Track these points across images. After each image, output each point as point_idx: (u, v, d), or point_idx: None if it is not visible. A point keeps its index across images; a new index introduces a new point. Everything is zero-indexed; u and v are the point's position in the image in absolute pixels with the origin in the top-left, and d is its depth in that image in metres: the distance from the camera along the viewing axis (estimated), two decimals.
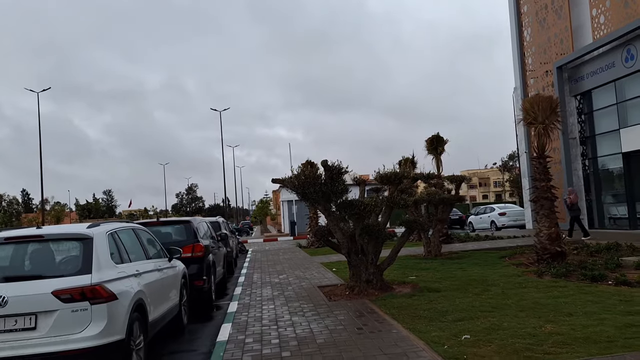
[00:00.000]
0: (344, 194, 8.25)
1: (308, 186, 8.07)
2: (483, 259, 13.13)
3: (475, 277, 9.78)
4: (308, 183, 8.08)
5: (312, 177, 8.02)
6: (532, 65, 23.01)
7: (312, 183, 8.02)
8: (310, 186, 8.03)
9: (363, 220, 8.56)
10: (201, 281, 9.06)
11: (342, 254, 8.85)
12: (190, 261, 9.05)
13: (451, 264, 12.49)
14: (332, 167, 8.02)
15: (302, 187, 8.19)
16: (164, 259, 7.01)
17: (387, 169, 8.76)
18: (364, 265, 8.78)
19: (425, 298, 7.88)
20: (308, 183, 8.08)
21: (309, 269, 13.51)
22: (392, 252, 9.06)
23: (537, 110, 11.31)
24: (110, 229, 5.50)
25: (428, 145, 18.55)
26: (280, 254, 19.45)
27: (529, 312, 6.51)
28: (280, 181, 9.37)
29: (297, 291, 9.60)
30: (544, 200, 11.23)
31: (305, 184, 8.09)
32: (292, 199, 39.12)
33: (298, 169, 8.16)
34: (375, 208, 8.22)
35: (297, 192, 8.38)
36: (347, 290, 8.95)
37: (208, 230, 11.11)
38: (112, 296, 4.72)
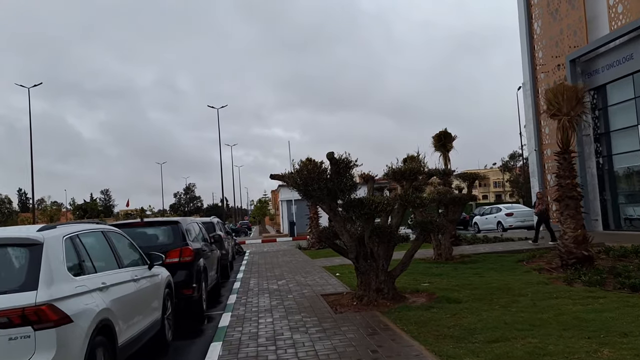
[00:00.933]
0: (352, 191, 7.24)
1: (312, 182, 7.05)
2: (499, 263, 12.13)
3: (497, 285, 8.76)
4: (312, 179, 7.06)
5: (316, 173, 7.00)
6: (543, 59, 22.01)
7: (317, 179, 7.00)
8: (314, 182, 7.01)
9: (373, 221, 7.54)
10: (190, 289, 8.03)
11: (349, 259, 7.83)
12: (177, 267, 8.03)
13: (465, 268, 11.48)
14: (339, 160, 7.00)
15: (304, 184, 7.17)
16: (143, 267, 5.98)
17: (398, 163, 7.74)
18: (374, 271, 7.76)
19: (446, 311, 6.86)
20: (312, 179, 7.06)
21: (310, 273, 12.49)
22: (405, 257, 8.04)
23: (561, 100, 10.30)
24: (69, 232, 4.47)
25: (435, 142, 17.56)
26: (279, 256, 18.43)
27: (575, 331, 5.49)
28: (280, 177, 8.35)
29: (298, 300, 8.57)
30: (569, 199, 10.22)
31: (308, 180, 7.07)
32: (291, 198, 38.11)
33: (299, 163, 7.14)
34: (388, 207, 7.20)
35: (299, 190, 7.36)
36: (354, 300, 7.93)
37: (200, 232, 10.08)
38: (65, 318, 3.69)
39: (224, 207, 75.21)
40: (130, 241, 6.05)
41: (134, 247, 6.08)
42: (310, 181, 7.09)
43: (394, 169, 7.63)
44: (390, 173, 7.72)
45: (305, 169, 7.08)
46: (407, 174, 7.50)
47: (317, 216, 22.48)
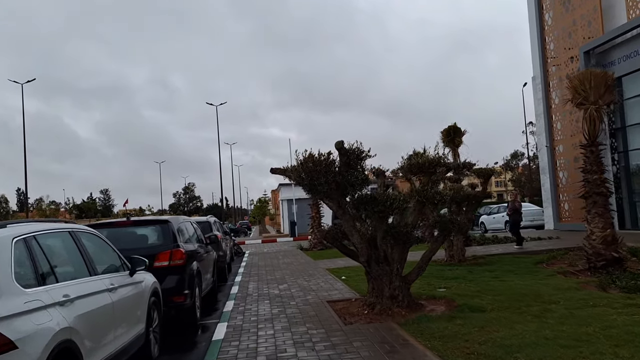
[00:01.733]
0: (364, 186, 6.38)
1: (318, 176, 6.20)
2: (516, 265, 11.28)
3: (522, 290, 7.91)
4: (318, 172, 6.21)
5: (323, 165, 6.15)
6: (555, 52, 21.15)
7: (324, 172, 6.15)
8: (321, 176, 6.16)
9: (387, 220, 6.69)
10: (181, 297, 7.18)
11: (359, 263, 6.97)
12: (167, 271, 7.18)
13: (481, 271, 10.63)
14: (349, 150, 6.15)
15: (309, 178, 6.31)
16: (123, 274, 5.13)
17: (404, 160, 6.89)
18: (388, 276, 6.91)
19: (472, 322, 6.00)
20: (318, 172, 6.21)
21: (313, 276, 11.64)
22: (422, 260, 7.18)
23: (588, 88, 9.44)
24: (22, 232, 3.61)
25: (444, 137, 16.65)
26: (280, 258, 17.57)
27: (631, 349, 4.63)
28: (282, 172, 7.50)
29: (302, 308, 7.71)
30: (597, 195, 9.37)
31: (314, 173, 6.22)
32: (292, 197, 37.26)
33: (304, 154, 6.28)
34: (404, 204, 6.35)
35: (303, 185, 6.51)
36: (365, 308, 7.08)
37: (194, 232, 9.22)
38: (5, 345, 2.84)
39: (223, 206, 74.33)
40: (107, 244, 5.19)
41: (111, 250, 5.23)
42: (316, 175, 6.23)
43: (411, 162, 6.78)
44: (406, 166, 6.87)
45: (311, 161, 6.23)
46: (427, 166, 6.64)
47: (319, 216, 21.63)
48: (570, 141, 20.14)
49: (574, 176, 20.20)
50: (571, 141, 20.09)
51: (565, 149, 20.61)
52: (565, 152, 20.61)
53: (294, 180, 6.54)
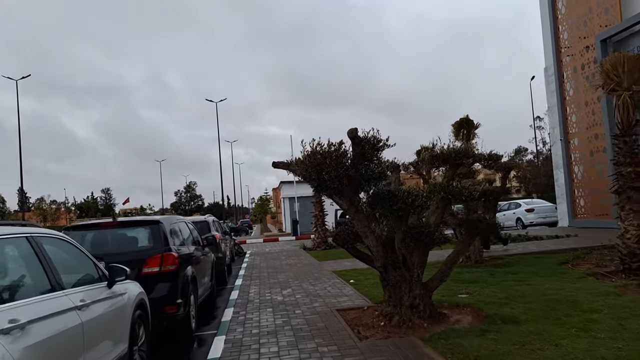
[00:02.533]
0: (381, 181, 5.55)
1: (327, 170, 5.36)
2: (539, 266, 10.45)
3: (555, 296, 7.08)
4: (327, 165, 5.37)
5: (333, 157, 5.31)
6: (569, 41, 20.25)
7: (334, 165, 5.31)
8: (331, 169, 5.32)
9: (406, 220, 5.86)
10: (173, 307, 6.37)
11: (375, 268, 6.14)
12: (158, 278, 6.38)
13: (502, 273, 9.80)
14: (363, 139, 5.31)
15: (317, 172, 5.48)
16: (99, 286, 4.32)
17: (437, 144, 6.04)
18: (407, 283, 6.08)
19: (507, 337, 5.17)
20: (327, 165, 5.37)
21: (319, 279, 10.81)
22: (446, 264, 6.35)
23: (621, 72, 8.58)
24: None
25: (455, 130, 15.75)
26: (283, 258, 16.76)
27: None
28: (285, 166, 6.67)
29: (308, 318, 6.89)
30: (631, 190, 8.51)
31: (323, 166, 5.38)
32: (294, 195, 36.47)
33: (311, 144, 5.44)
34: (428, 201, 5.52)
35: (310, 180, 5.67)
36: (381, 318, 6.25)
37: (189, 234, 8.41)
38: None
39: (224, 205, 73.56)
40: (79, 250, 4.37)
41: (85, 258, 4.41)
42: (325, 168, 5.40)
43: (434, 152, 5.94)
44: (428, 157, 6.04)
45: (319, 152, 5.39)
46: (453, 157, 5.81)
47: (322, 214, 20.79)
48: (586, 134, 19.27)
49: (591, 170, 19.37)
50: (587, 134, 19.23)
51: (581, 142, 19.74)
52: (581, 146, 19.74)
53: (300, 175, 5.72)
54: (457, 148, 5.91)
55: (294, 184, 36.20)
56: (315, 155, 5.42)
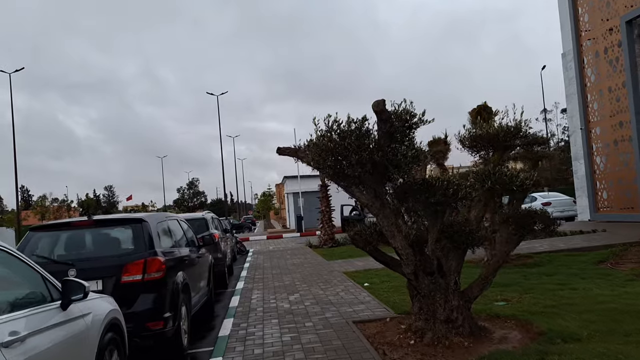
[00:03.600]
0: (413, 167, 4.45)
1: (347, 154, 4.26)
2: (575, 266, 9.37)
3: (611, 304, 5.97)
4: (346, 148, 4.27)
5: (354, 137, 4.21)
6: (589, 24, 19.02)
7: (355, 148, 4.20)
8: (352, 153, 4.22)
9: (443, 216, 4.76)
10: (159, 322, 5.30)
11: (404, 275, 5.04)
12: (141, 288, 5.32)
13: (536, 275, 8.71)
14: (393, 114, 4.20)
15: (334, 157, 4.37)
16: (49, 307, 3.23)
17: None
18: (443, 293, 4.99)
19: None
20: (346, 148, 4.27)
21: (329, 282, 9.73)
22: (488, 269, 5.26)
23: None
24: None
25: (473, 119, 14.64)
26: (288, 257, 15.68)
27: None
28: (292, 152, 5.58)
29: (322, 333, 5.80)
30: None
31: (340, 149, 4.28)
32: (298, 190, 35.39)
33: (326, 121, 4.32)
34: (474, 192, 4.41)
35: (324, 168, 4.57)
36: (410, 335, 5.17)
37: (182, 234, 7.32)
38: None
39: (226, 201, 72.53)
40: (22, 262, 3.28)
41: (30, 271, 3.32)
42: (344, 152, 4.29)
43: (476, 133, 4.84)
44: (468, 138, 4.94)
45: (337, 131, 4.29)
46: (501, 137, 4.71)
47: (329, 209, 19.70)
48: (610, 122, 18.07)
49: (615, 161, 18.18)
50: (611, 122, 18.03)
51: (604, 131, 18.54)
52: (604, 135, 18.54)
53: (311, 162, 4.61)
54: (508, 126, 4.81)
55: (298, 179, 35.10)
56: (332, 136, 4.31)
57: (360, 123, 4.22)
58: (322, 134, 4.37)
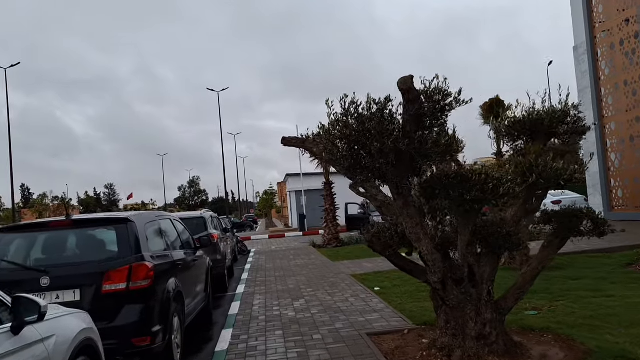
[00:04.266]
0: (445, 157, 3.76)
1: (366, 141, 3.56)
2: (600, 269, 8.72)
3: None
4: (365, 135, 3.57)
5: (375, 122, 3.51)
6: (604, 15, 18.29)
7: (377, 134, 3.51)
8: (373, 140, 3.52)
9: (476, 216, 4.06)
10: (147, 337, 4.62)
11: (430, 284, 4.34)
12: (124, 299, 4.63)
13: (560, 279, 8.04)
14: (423, 93, 3.50)
15: (351, 146, 3.68)
16: None
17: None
18: (474, 305, 4.30)
19: None
20: (365, 135, 3.57)
21: (336, 286, 9.04)
22: (525, 276, 4.56)
23: None
24: None
25: (485, 113, 13.95)
26: (291, 258, 14.99)
27: None
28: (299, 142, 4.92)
29: (332, 349, 5.11)
30: None
31: (359, 136, 3.59)
32: (300, 189, 34.68)
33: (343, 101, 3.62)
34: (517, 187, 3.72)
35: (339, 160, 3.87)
36: (435, 352, 4.48)
37: (177, 235, 6.63)
38: None
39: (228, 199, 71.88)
40: None
41: None
42: (363, 139, 3.60)
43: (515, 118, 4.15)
44: (504, 125, 4.24)
45: (354, 115, 3.59)
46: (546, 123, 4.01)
47: (333, 208, 19.00)
48: (626, 117, 17.36)
49: (631, 158, 17.46)
50: (626, 117, 17.32)
51: (619, 127, 17.82)
52: (619, 130, 17.83)
53: (324, 152, 3.92)
54: (554, 109, 4.11)
55: (300, 176, 34.42)
56: (348, 120, 3.61)
57: (383, 104, 3.51)
58: (336, 119, 3.66)
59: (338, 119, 3.66)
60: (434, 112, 3.54)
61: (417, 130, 3.59)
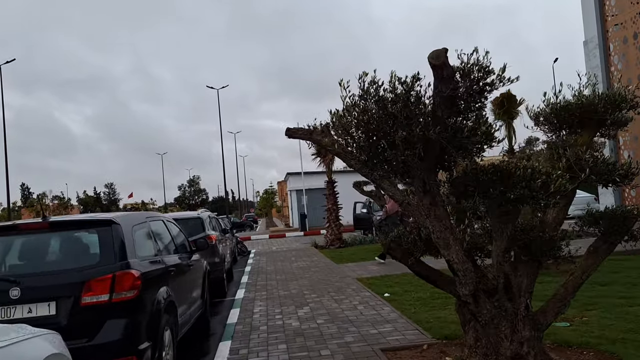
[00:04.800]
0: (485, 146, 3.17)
1: (390, 129, 2.98)
2: (627, 272, 8.15)
3: None
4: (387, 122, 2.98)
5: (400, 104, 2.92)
6: (617, 7, 17.67)
7: (404, 119, 2.92)
8: (398, 127, 2.93)
9: (515, 219, 3.48)
10: (132, 356, 4.03)
11: (458, 296, 3.75)
12: (107, 312, 4.06)
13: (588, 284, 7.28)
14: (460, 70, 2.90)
15: (369, 135, 3.10)
16: None
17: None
18: (509, 321, 3.71)
19: None
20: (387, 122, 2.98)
21: (342, 291, 8.46)
22: (567, 287, 3.97)
23: None
24: None
25: (496, 108, 13.46)
26: (293, 259, 14.41)
27: None
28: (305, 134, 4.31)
29: None
30: None
31: (380, 123, 3.00)
32: (301, 188, 34.09)
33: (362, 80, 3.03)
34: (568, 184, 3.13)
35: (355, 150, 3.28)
36: None
37: (170, 238, 6.05)
38: None
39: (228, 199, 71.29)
40: None
41: None
42: (385, 126, 3.01)
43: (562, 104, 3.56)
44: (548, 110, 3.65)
45: (374, 98, 3.00)
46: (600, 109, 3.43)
47: (336, 207, 18.42)
48: None
49: None
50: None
51: (632, 124, 17.18)
52: (632, 127, 17.17)
53: (338, 142, 3.32)
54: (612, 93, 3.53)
55: (301, 175, 33.82)
56: (366, 104, 3.02)
57: (411, 84, 2.92)
58: (353, 102, 3.07)
59: (355, 102, 3.07)
60: (471, 94, 2.95)
61: (450, 115, 3.00)
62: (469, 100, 2.98)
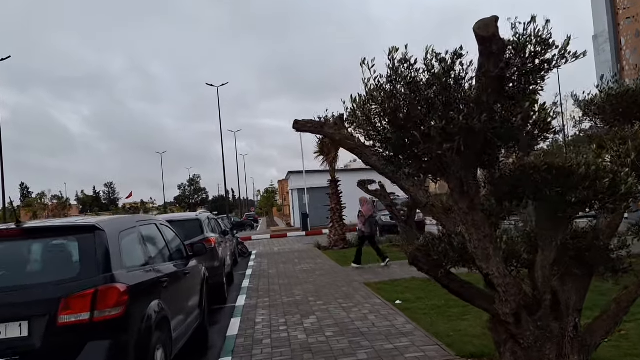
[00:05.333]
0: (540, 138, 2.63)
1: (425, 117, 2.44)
2: None
3: None
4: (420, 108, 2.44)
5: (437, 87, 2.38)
6: (628, 0, 17.15)
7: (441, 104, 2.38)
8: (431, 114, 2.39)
9: (567, 226, 2.94)
10: None
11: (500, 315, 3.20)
12: (87, 333, 3.52)
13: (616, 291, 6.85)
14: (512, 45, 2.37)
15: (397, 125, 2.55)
16: None
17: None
18: (556, 343, 3.17)
19: None
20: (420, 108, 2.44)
21: (350, 298, 7.92)
22: (620, 302, 3.44)
23: None
24: None
25: None
26: (296, 262, 13.86)
27: None
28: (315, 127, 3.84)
29: None
30: None
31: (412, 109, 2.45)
32: (303, 186, 33.54)
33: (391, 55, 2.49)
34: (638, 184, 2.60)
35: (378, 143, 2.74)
36: None
37: (164, 243, 5.51)
38: None
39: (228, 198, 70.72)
40: None
41: None
42: (417, 114, 2.47)
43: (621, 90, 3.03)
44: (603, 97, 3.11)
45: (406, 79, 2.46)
46: None
47: (339, 207, 17.89)
48: None
49: None
50: None
51: None
52: None
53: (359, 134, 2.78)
54: None
55: (303, 174, 33.28)
56: (395, 87, 2.48)
57: (451, 62, 2.38)
58: (378, 85, 2.53)
59: (380, 85, 2.53)
60: (525, 73, 2.41)
61: (498, 100, 2.46)
62: (521, 81, 2.44)
